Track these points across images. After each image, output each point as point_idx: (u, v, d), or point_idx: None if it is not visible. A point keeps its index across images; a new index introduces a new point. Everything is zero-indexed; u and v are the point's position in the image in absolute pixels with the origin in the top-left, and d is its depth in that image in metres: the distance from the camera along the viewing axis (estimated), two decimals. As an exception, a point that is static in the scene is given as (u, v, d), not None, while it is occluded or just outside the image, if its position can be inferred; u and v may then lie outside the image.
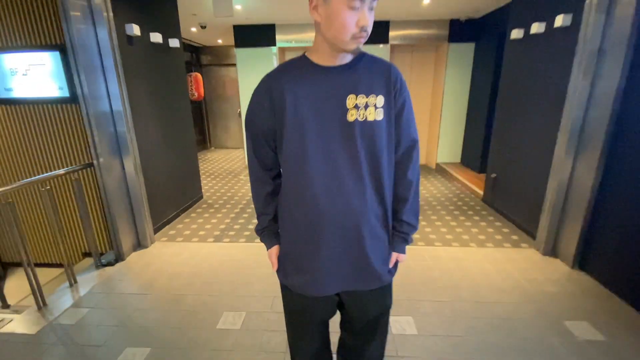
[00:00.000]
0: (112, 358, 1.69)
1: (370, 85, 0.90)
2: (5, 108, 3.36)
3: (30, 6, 2.99)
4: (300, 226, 0.98)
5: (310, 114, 0.89)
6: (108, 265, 2.61)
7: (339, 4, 0.79)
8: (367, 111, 0.89)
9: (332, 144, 0.90)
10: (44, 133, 3.34)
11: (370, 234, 0.97)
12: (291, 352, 1.24)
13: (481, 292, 2.18)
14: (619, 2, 2.04)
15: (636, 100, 2.01)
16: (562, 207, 2.54)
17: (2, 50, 3.18)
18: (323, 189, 0.92)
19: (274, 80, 0.92)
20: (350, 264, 0.99)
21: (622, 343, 1.74)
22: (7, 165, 3.48)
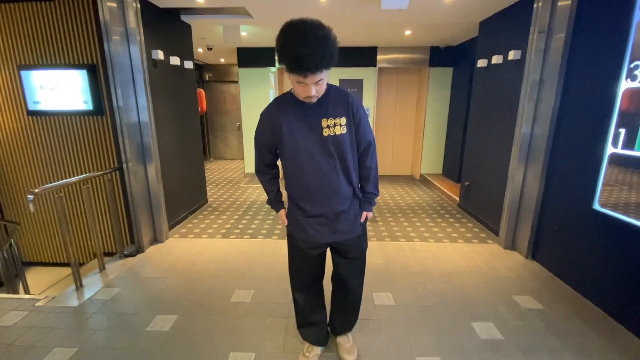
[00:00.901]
0: (146, 323, 2.08)
1: (336, 111, 1.38)
2: (34, 119, 3.77)
3: (65, 29, 3.45)
4: (300, 201, 1.50)
5: (299, 133, 1.38)
6: (130, 256, 2.99)
7: (292, 80, 1.27)
8: (335, 129, 1.38)
9: (314, 150, 1.39)
10: (70, 141, 3.75)
11: (342, 203, 1.48)
12: (292, 284, 1.70)
13: (449, 276, 2.64)
14: (552, 41, 2.61)
15: (567, 119, 2.54)
16: (517, 209, 3.04)
17: (34, 67, 3.62)
18: (311, 178, 1.42)
19: (272, 112, 1.42)
20: (330, 224, 1.49)
21: (556, 310, 2.20)
22: (34, 169, 3.85)
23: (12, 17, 3.47)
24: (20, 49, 3.56)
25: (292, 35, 1.16)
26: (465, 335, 1.95)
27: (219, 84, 8.09)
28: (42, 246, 4.11)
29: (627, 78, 1.93)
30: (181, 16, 3.77)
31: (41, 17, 3.45)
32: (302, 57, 1.14)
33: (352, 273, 1.68)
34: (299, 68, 1.17)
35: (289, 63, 1.18)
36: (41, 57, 3.60)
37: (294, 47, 1.14)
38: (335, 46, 1.22)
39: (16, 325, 2.07)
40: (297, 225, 1.52)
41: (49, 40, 3.52)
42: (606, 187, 2.09)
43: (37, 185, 3.88)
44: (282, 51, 1.19)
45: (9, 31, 3.51)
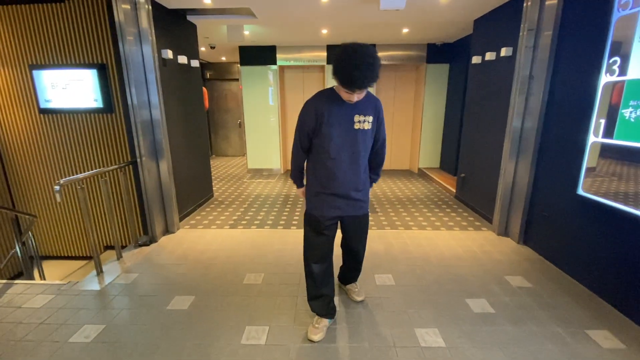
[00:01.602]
0: (166, 302, 2.25)
1: (366, 110, 1.72)
2: (45, 117, 3.92)
3: (78, 29, 3.60)
4: (323, 180, 1.79)
5: (336, 122, 1.69)
6: (144, 246, 3.15)
7: (342, 89, 1.59)
8: (364, 124, 1.72)
9: (345, 138, 1.71)
10: (80, 138, 3.91)
11: (360, 184, 1.81)
12: (308, 258, 1.90)
13: (445, 259, 2.82)
14: (541, 39, 2.78)
15: (554, 112, 2.72)
16: (509, 198, 3.22)
17: (45, 67, 3.77)
18: (338, 160, 1.73)
19: (318, 102, 1.71)
20: (350, 201, 1.81)
21: (544, 288, 2.38)
22: (45, 165, 4.01)
23: (24, 18, 3.61)
24: (32, 49, 3.71)
25: (349, 61, 1.46)
26: (460, 309, 2.14)
27: (220, 82, 8.23)
28: (54, 240, 4.27)
29: (606, 72, 2.10)
30: (187, 16, 3.92)
31: (52, 18, 3.59)
32: (354, 80, 1.47)
33: (361, 241, 2.03)
34: (351, 86, 1.51)
35: (343, 81, 1.51)
36: (52, 57, 3.74)
37: (350, 71, 1.46)
38: (379, 69, 1.51)
39: (45, 306, 2.23)
40: (319, 201, 1.81)
41: (60, 40, 3.66)
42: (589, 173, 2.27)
43: (49, 181, 4.04)
44: (338, 71, 1.50)
45: (21, 32, 3.65)
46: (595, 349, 1.78)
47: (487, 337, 1.88)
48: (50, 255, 4.33)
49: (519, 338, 1.87)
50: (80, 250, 4.29)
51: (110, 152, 3.90)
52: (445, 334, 1.90)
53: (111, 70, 3.66)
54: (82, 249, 4.27)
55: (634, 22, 1.91)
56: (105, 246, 4.20)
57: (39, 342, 1.88)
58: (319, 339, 1.86)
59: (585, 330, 1.93)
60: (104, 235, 4.14)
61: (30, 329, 1.99)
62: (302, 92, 6.40)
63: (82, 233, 4.20)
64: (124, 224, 4.02)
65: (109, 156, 3.92)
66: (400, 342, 1.84)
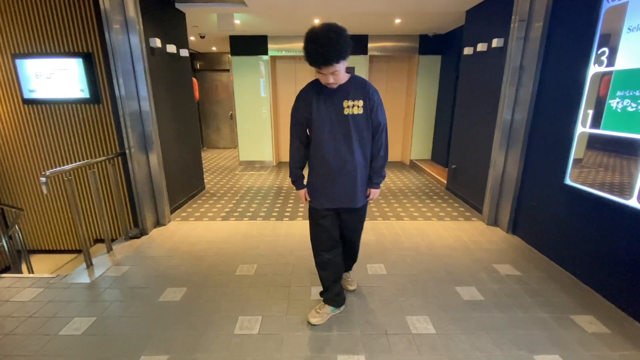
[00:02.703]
0: (158, 294, 2.24)
1: (355, 95, 1.67)
2: (30, 107, 3.81)
3: (62, 17, 3.48)
4: (319, 170, 1.78)
5: (324, 110, 1.68)
6: (134, 238, 3.12)
7: (317, 75, 1.60)
8: (354, 109, 1.67)
9: (336, 126, 1.69)
10: (66, 130, 3.81)
11: (355, 174, 1.75)
12: (318, 249, 1.91)
13: (436, 248, 2.86)
14: (531, 30, 2.79)
15: (543, 103, 2.75)
16: (499, 188, 3.27)
17: (29, 56, 3.65)
18: (330, 149, 1.71)
19: (306, 92, 1.72)
20: (346, 193, 1.78)
21: (531, 276, 2.44)
22: (31, 157, 3.91)
23: (6, 5, 3.47)
24: (15, 37, 3.58)
25: (308, 37, 1.48)
26: (449, 297, 2.18)
27: (211, 73, 8.10)
28: (42, 234, 4.19)
29: (595, 63, 2.12)
30: (176, 4, 3.82)
31: (36, 5, 3.46)
32: (312, 54, 1.48)
33: (357, 232, 2.03)
34: (312, 62, 1.51)
35: (307, 59, 1.52)
36: (36, 46, 3.62)
37: (307, 46, 1.48)
38: (344, 44, 1.48)
39: (34, 300, 2.20)
40: (316, 192, 1.80)
41: (44, 28, 3.54)
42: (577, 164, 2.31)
43: (35, 173, 3.95)
44: (304, 50, 1.51)
45: (3, 20, 3.52)
46: (580, 334, 1.84)
47: (476, 323, 1.92)
48: (38, 249, 4.25)
49: (506, 323, 1.92)
50: (69, 243, 4.22)
51: (98, 144, 3.82)
52: (436, 321, 1.94)
53: (97, 59, 3.55)
54: (71, 242, 4.21)
55: (623, 13, 1.93)
56: (95, 239, 4.14)
57: (28, 335, 1.86)
58: (316, 322, 1.89)
59: (570, 315, 1.99)
60: (93, 228, 4.08)
61: (19, 322, 1.97)
62: (294, 83, 6.34)
63: (70, 226, 4.13)
64: (113, 217, 3.96)
65: (96, 148, 3.84)
66: (392, 330, 1.87)
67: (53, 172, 2.36)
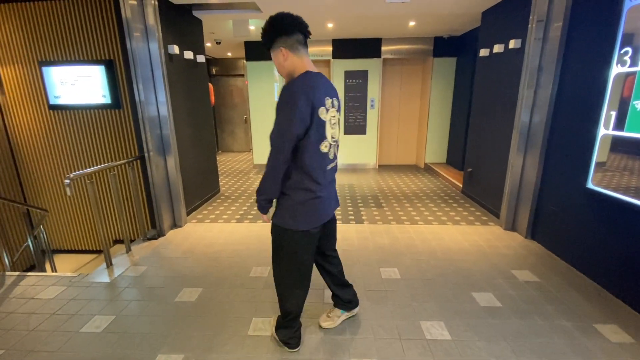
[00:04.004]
0: (174, 294, 2.28)
1: None
2: (55, 113, 3.98)
3: (85, 26, 3.63)
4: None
5: None
6: (152, 239, 3.20)
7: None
8: None
9: None
10: (89, 134, 3.96)
11: None
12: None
13: (451, 253, 2.81)
14: (550, 30, 2.73)
15: (563, 104, 2.68)
16: (517, 192, 3.19)
17: (55, 63, 3.81)
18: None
19: None
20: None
21: (551, 282, 2.36)
22: (55, 161, 4.07)
23: (34, 15, 3.65)
24: (42, 46, 3.76)
25: None
26: (466, 303, 2.13)
27: (226, 78, 8.25)
28: (64, 234, 4.35)
29: (617, 63, 2.06)
30: (193, 12, 3.92)
31: (61, 15, 3.63)
32: None
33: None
34: None
35: None
36: (61, 54, 3.79)
37: None
38: (264, 31, 1.47)
39: (57, 297, 2.29)
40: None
41: (69, 37, 3.70)
42: (600, 168, 2.24)
43: (59, 176, 4.10)
44: None
45: (31, 29, 3.70)
46: (604, 343, 1.77)
47: (494, 330, 1.88)
48: (61, 249, 4.41)
49: (525, 331, 1.86)
50: (89, 244, 4.36)
51: (119, 148, 3.95)
52: (451, 327, 1.90)
53: (118, 66, 3.69)
54: (92, 242, 4.34)
55: (647, 11, 1.86)
56: (114, 240, 4.27)
57: (51, 332, 1.93)
58: (327, 326, 1.89)
59: (594, 324, 1.91)
60: (113, 229, 4.20)
61: (43, 319, 2.04)
62: (307, 87, 6.37)
63: (91, 227, 4.27)
64: (132, 218, 4.07)
65: (117, 151, 3.97)
66: (406, 335, 1.84)
67: (77, 175, 2.45)
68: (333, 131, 1.52)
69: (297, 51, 1.46)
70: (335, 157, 1.60)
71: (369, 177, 5.64)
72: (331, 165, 1.58)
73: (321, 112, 1.41)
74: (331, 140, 1.51)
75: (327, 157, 1.52)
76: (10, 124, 4.01)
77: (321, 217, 1.58)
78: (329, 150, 1.52)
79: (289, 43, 1.45)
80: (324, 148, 1.48)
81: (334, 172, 1.64)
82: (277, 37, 1.45)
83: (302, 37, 1.47)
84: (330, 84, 1.54)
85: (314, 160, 1.45)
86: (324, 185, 1.55)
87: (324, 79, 1.51)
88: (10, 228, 4.02)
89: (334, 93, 1.54)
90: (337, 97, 1.56)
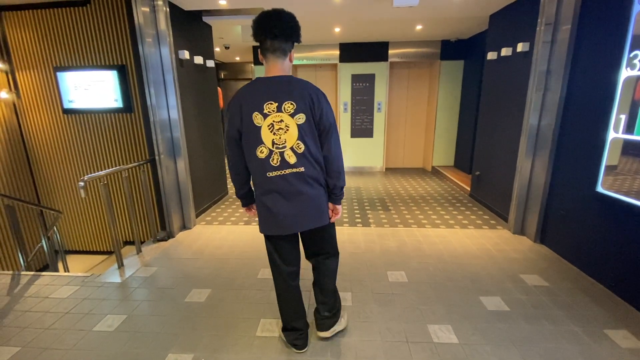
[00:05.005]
0: (184, 295, 2.32)
1: None
2: (69, 117, 4.08)
3: (99, 32, 3.73)
4: None
5: None
6: (162, 241, 3.25)
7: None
8: None
9: None
10: (101, 138, 4.05)
11: None
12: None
13: (459, 257, 2.80)
14: (559, 33, 2.72)
15: (572, 108, 2.66)
16: (526, 196, 3.17)
17: (69, 68, 3.92)
18: None
19: None
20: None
21: (560, 287, 2.34)
22: (69, 163, 4.17)
23: (49, 22, 3.77)
24: (56, 51, 3.87)
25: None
26: (473, 306, 2.13)
27: (234, 82, 8.34)
28: (77, 235, 4.44)
29: (627, 67, 2.05)
30: (203, 17, 4.00)
31: (75, 21, 3.73)
32: None
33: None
34: None
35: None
36: (75, 59, 3.89)
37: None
38: None
39: (70, 297, 2.34)
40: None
41: (83, 43, 3.81)
42: (611, 171, 2.22)
43: (73, 178, 4.20)
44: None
45: (46, 35, 3.81)
46: (614, 349, 1.75)
47: (502, 334, 1.87)
48: (73, 249, 4.51)
49: (534, 336, 1.85)
50: (101, 245, 4.45)
51: (130, 151, 4.03)
52: (459, 331, 1.90)
53: (131, 71, 3.78)
54: (103, 244, 4.43)
55: (657, 14, 1.86)
56: (125, 241, 4.34)
57: (65, 330, 1.98)
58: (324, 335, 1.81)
59: (604, 329, 1.89)
60: (123, 230, 4.28)
61: (57, 318, 2.10)
62: (314, 91, 6.42)
63: (103, 229, 4.35)
64: (143, 220, 4.14)
65: (128, 154, 4.05)
66: (413, 338, 1.85)
67: (90, 177, 2.51)
68: (276, 137, 1.43)
69: (264, 56, 1.48)
70: (285, 164, 1.45)
71: (376, 180, 5.65)
72: (275, 173, 1.46)
73: (255, 116, 1.42)
74: (272, 146, 1.43)
75: (266, 163, 1.45)
76: (26, 127, 4.13)
77: (269, 228, 1.56)
78: (271, 157, 1.45)
79: (261, 48, 1.49)
80: (260, 154, 1.45)
81: (288, 182, 1.47)
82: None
83: (268, 41, 1.43)
84: (284, 88, 1.43)
85: (252, 164, 1.51)
86: (270, 195, 1.50)
87: (272, 82, 1.44)
88: (25, 229, 4.12)
89: (284, 97, 1.41)
90: (294, 100, 1.41)
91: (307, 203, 1.53)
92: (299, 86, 1.45)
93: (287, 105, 1.42)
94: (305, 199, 1.52)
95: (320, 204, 1.57)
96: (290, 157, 1.46)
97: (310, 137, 1.46)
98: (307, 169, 1.48)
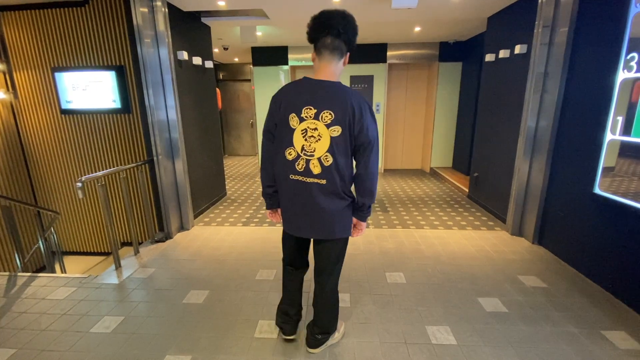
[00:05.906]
0: (182, 296, 2.31)
1: None
2: (66, 117, 4.06)
3: (97, 32, 3.72)
4: None
5: None
6: (160, 242, 3.24)
7: None
8: None
9: None
10: (99, 138, 4.04)
11: None
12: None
13: (457, 258, 2.80)
14: (556, 35, 2.73)
15: (569, 110, 2.67)
16: (524, 197, 3.18)
17: (67, 69, 3.90)
18: None
19: None
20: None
21: (558, 288, 2.35)
22: (66, 164, 4.16)
23: (47, 22, 3.76)
24: (55, 52, 3.86)
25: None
26: (471, 308, 2.13)
27: (232, 83, 8.35)
28: (74, 236, 4.42)
29: (624, 69, 2.06)
30: (202, 18, 4.00)
31: (74, 22, 3.72)
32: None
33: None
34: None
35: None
36: (73, 60, 3.88)
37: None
38: None
39: (67, 298, 2.33)
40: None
41: (81, 43, 3.80)
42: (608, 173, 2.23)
43: (70, 179, 4.19)
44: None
45: (44, 36, 3.80)
46: (612, 350, 1.75)
47: (500, 335, 1.87)
48: (70, 250, 4.48)
49: (532, 337, 1.85)
50: (98, 246, 4.43)
51: (128, 151, 4.02)
52: (457, 332, 1.90)
53: (129, 71, 3.77)
54: (101, 245, 4.41)
55: (653, 17, 1.87)
56: (123, 242, 4.33)
57: (62, 332, 1.97)
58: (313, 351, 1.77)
59: (601, 330, 1.90)
60: (121, 231, 4.26)
61: (54, 319, 2.08)
62: (313, 92, 6.43)
63: (100, 230, 4.33)
64: (140, 221, 4.13)
65: (126, 155, 4.04)
66: (411, 339, 1.85)
67: (88, 178, 2.50)
68: (306, 143, 1.40)
69: (320, 55, 1.46)
70: (309, 172, 1.42)
71: (375, 182, 5.64)
72: (297, 177, 1.44)
73: (291, 118, 1.41)
74: (300, 151, 1.41)
75: (292, 166, 1.44)
76: (23, 127, 4.11)
77: (286, 225, 1.62)
78: (297, 161, 1.43)
79: (317, 47, 1.46)
80: (288, 155, 1.44)
81: (307, 191, 1.45)
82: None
83: (330, 37, 1.40)
84: (327, 95, 1.39)
85: (279, 162, 1.50)
86: (287, 195, 1.52)
87: (317, 86, 1.42)
88: (22, 230, 4.10)
89: (325, 105, 1.37)
90: (334, 110, 1.37)
91: (320, 214, 1.48)
92: (343, 95, 1.39)
93: (325, 115, 1.37)
94: (318, 210, 1.47)
95: (333, 218, 1.49)
96: (315, 167, 1.42)
97: (342, 150, 1.41)
98: (330, 183, 1.43)
